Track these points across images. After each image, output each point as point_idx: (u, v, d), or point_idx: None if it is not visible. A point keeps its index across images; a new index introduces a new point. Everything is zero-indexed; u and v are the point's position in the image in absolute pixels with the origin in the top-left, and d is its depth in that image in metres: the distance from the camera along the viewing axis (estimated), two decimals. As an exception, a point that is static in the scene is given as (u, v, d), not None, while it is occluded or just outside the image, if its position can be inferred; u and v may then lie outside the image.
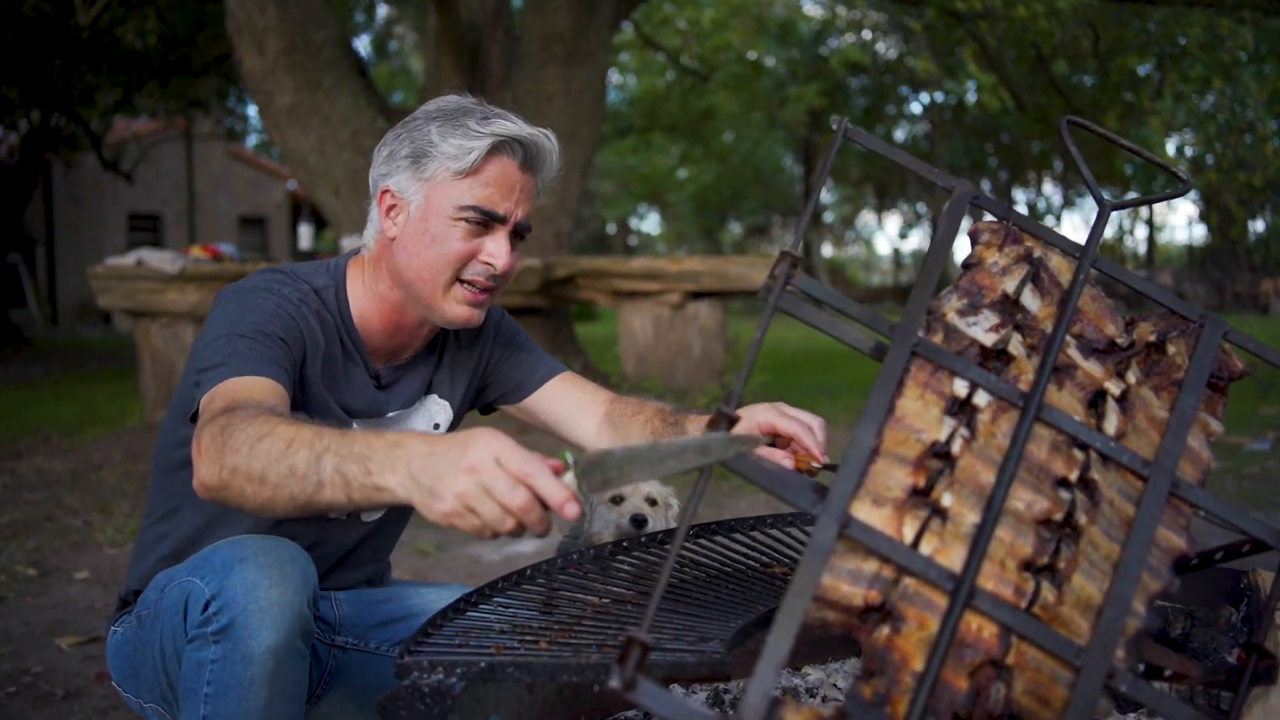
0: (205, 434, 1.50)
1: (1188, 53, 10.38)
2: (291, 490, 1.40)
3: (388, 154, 1.88)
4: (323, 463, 1.38)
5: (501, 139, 1.81)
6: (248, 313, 1.76)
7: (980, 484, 1.26)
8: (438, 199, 1.82)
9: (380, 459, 1.35)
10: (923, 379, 1.29)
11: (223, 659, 1.59)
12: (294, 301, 1.82)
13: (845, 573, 1.18)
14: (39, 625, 3.64)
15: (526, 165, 1.86)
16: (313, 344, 1.83)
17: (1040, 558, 1.23)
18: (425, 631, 1.50)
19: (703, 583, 1.78)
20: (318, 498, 1.39)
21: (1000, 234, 1.43)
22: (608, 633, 1.53)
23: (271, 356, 1.71)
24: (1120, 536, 1.26)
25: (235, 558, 1.62)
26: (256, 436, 1.43)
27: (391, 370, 1.98)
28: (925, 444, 1.25)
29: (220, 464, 1.45)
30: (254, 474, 1.42)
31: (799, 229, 1.38)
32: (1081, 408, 1.35)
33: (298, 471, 1.39)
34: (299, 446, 1.41)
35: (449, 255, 1.83)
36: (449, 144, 1.80)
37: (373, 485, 1.35)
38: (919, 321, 1.32)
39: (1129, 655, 1.19)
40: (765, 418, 1.87)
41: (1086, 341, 1.41)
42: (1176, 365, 1.40)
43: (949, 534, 1.22)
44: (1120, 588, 1.21)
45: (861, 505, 1.21)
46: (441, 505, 1.28)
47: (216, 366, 1.67)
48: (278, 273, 1.89)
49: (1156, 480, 1.28)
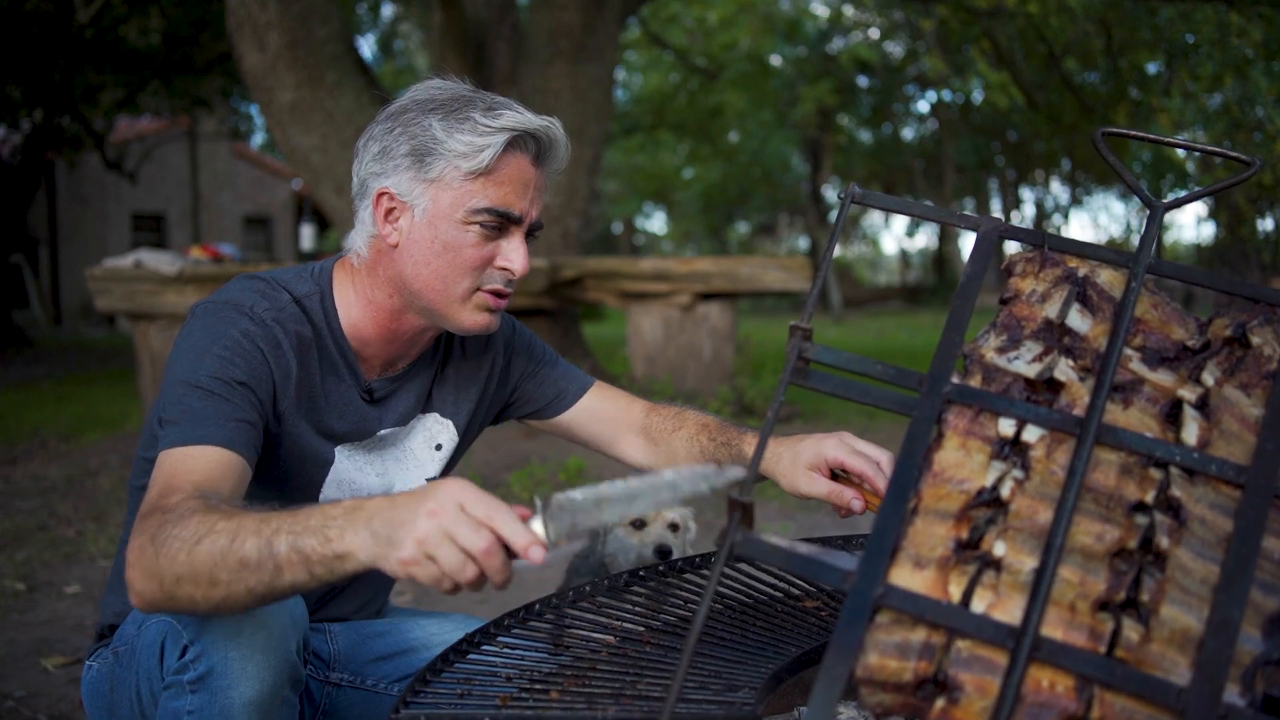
0: (133, 544, 1.38)
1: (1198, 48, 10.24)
2: (248, 583, 1.29)
3: (379, 150, 1.69)
4: (275, 545, 1.28)
5: (515, 133, 1.65)
6: (211, 345, 1.60)
7: (1039, 525, 1.12)
8: (448, 202, 1.66)
9: (339, 524, 1.27)
10: (963, 426, 1.18)
11: (200, 710, 1.45)
12: (266, 323, 1.66)
13: (892, 647, 1.05)
14: (24, 644, 3.50)
15: (539, 159, 1.71)
16: (282, 375, 1.67)
17: (1116, 594, 1.09)
18: (424, 679, 1.36)
19: (728, 620, 1.64)
20: (278, 582, 1.29)
21: (1035, 261, 1.30)
22: (624, 679, 1.39)
23: (227, 414, 1.56)
24: (1217, 555, 1.11)
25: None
26: (194, 539, 1.32)
27: (386, 382, 1.81)
28: (969, 494, 1.13)
29: (158, 577, 1.33)
30: (201, 578, 1.31)
31: (810, 302, 1.29)
32: (1156, 423, 1.21)
33: (249, 562, 1.29)
34: (244, 536, 1.30)
35: (465, 263, 1.67)
36: (457, 141, 1.63)
37: (333, 554, 1.26)
38: (949, 370, 1.20)
39: (1246, 688, 1.04)
40: (833, 454, 1.73)
41: (1152, 351, 1.27)
42: (1266, 356, 1.25)
43: (1005, 585, 1.09)
44: (1223, 612, 1.06)
45: (901, 571, 1.09)
46: (400, 552, 1.21)
47: (172, 423, 1.54)
48: (256, 281, 1.72)
49: (1255, 484, 1.13)
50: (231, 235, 24.63)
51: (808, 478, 1.74)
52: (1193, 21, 10.17)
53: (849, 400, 1.27)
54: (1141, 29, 10.85)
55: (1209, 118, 11.17)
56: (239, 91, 17.23)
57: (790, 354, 1.24)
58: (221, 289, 1.71)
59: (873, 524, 1.14)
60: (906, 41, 23.91)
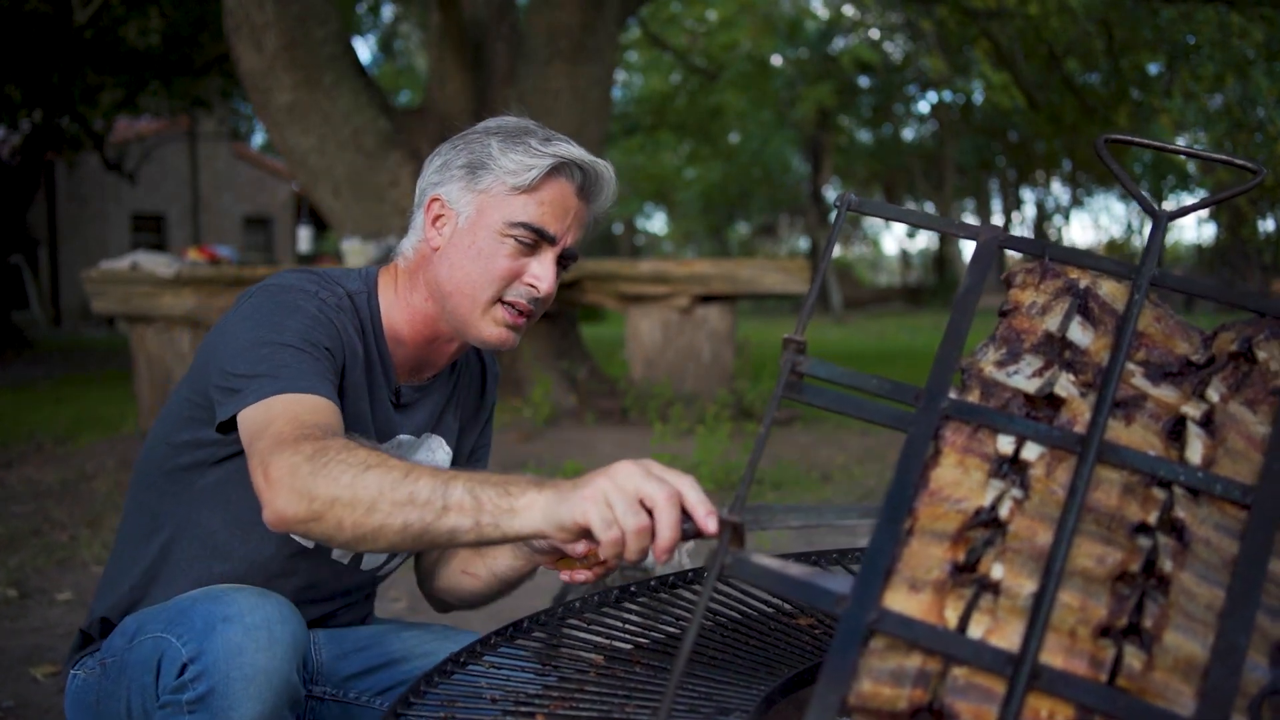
0: (279, 462, 1.40)
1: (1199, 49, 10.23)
2: (407, 518, 1.34)
3: (440, 164, 1.78)
4: (450, 488, 1.34)
5: (563, 160, 1.72)
6: (289, 315, 1.65)
7: (1038, 547, 1.09)
8: (489, 212, 1.72)
9: (521, 485, 1.33)
10: (961, 443, 1.14)
11: None
12: (333, 306, 1.73)
13: (886, 674, 1.01)
14: (15, 652, 3.47)
15: (583, 191, 1.77)
16: (352, 352, 1.74)
17: (1119, 619, 1.05)
18: (406, 701, 1.32)
19: (720, 638, 1.60)
20: (438, 524, 1.34)
21: (1036, 272, 1.27)
22: (613, 701, 1.35)
23: (323, 372, 1.61)
24: (1223, 579, 1.08)
25: (219, 616, 1.47)
26: (363, 466, 1.37)
27: (411, 390, 1.87)
28: (966, 513, 1.10)
29: (310, 494, 1.37)
30: (360, 503, 1.35)
31: (804, 313, 1.27)
32: (1159, 440, 1.17)
33: (419, 499, 1.34)
34: (419, 474, 1.36)
35: (494, 271, 1.72)
36: (509, 159, 1.71)
37: (509, 507, 1.32)
38: (946, 384, 1.17)
39: (1254, 719, 1.00)
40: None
41: (1155, 366, 1.23)
42: (1272, 372, 1.21)
43: (1003, 609, 1.05)
44: (1229, 639, 1.02)
45: (896, 594, 1.05)
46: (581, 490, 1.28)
47: (263, 376, 1.56)
48: (309, 273, 1.78)
49: (1262, 505, 1.09)
50: (231, 236, 24.63)
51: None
52: (1194, 22, 10.16)
53: (844, 415, 1.24)
54: (1142, 29, 10.84)
55: (1210, 118, 11.15)
56: (238, 92, 17.23)
57: (783, 368, 1.22)
58: (276, 276, 1.76)
59: (867, 544, 1.10)
60: (907, 42, 23.91)
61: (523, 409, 8.04)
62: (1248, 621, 1.02)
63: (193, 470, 1.75)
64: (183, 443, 1.75)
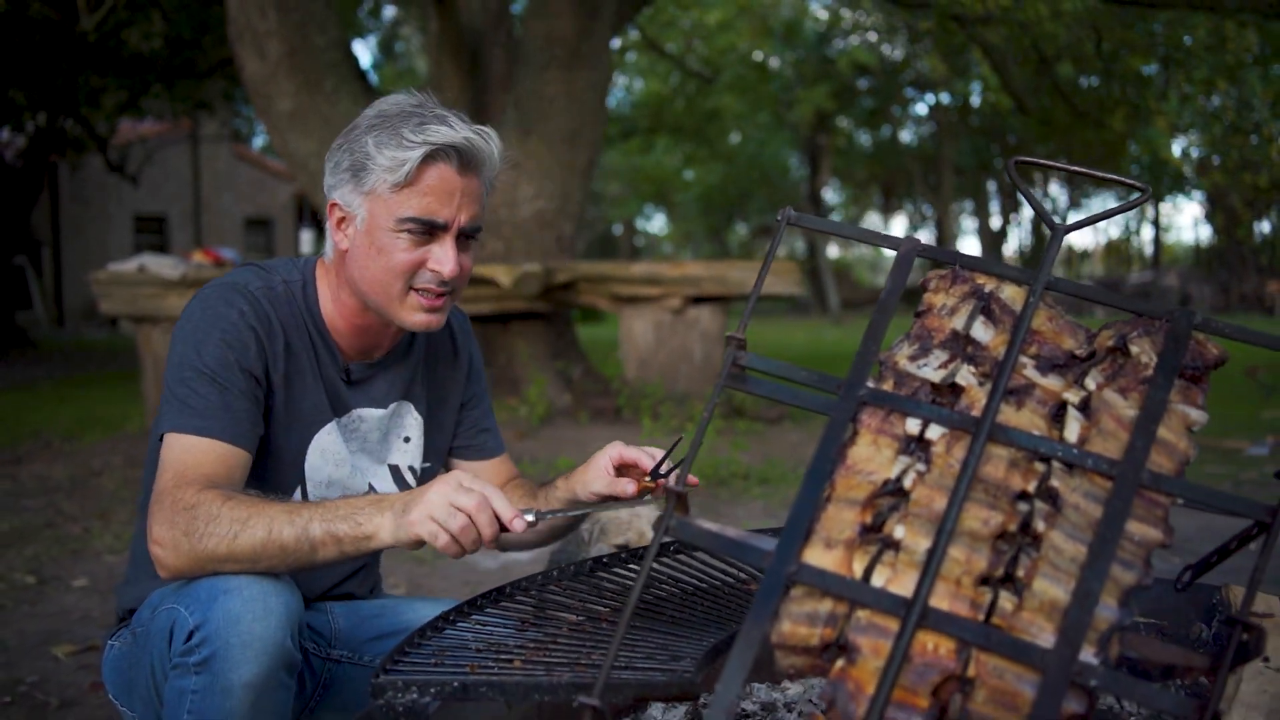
0: (160, 530, 1.66)
1: (1192, 54, 10.36)
2: (287, 561, 1.64)
3: (333, 165, 1.89)
4: (310, 531, 1.63)
5: (434, 147, 1.81)
6: (212, 328, 1.82)
7: (935, 512, 1.28)
8: (379, 212, 1.84)
9: (366, 512, 1.63)
10: (875, 425, 1.34)
11: (203, 690, 1.61)
12: (260, 301, 1.87)
13: (803, 616, 1.21)
14: (35, 634, 3.66)
15: (465, 169, 1.85)
16: (275, 349, 1.88)
17: (996, 570, 1.25)
18: (402, 650, 1.52)
19: (678, 600, 1.80)
20: (314, 559, 1.65)
21: (947, 278, 1.46)
22: (581, 651, 1.55)
23: (227, 403, 1.79)
24: (1087, 537, 1.27)
25: (220, 589, 1.64)
26: (231, 535, 1.63)
27: (363, 368, 2.02)
28: (876, 484, 1.29)
29: (197, 562, 1.65)
30: (243, 560, 1.63)
31: (746, 314, 1.44)
32: (1044, 422, 1.37)
33: (288, 547, 1.63)
34: (279, 525, 1.63)
35: (395, 267, 1.85)
36: (384, 156, 1.81)
37: (362, 535, 1.63)
38: (864, 376, 1.37)
39: (1101, 649, 1.20)
40: (610, 455, 1.97)
41: (1045, 360, 1.43)
42: (1142, 364, 1.41)
43: (902, 563, 1.25)
44: (1086, 585, 1.22)
45: (814, 550, 1.25)
46: (413, 521, 1.60)
47: (177, 401, 1.78)
48: (252, 266, 1.96)
49: (1123, 475, 1.29)
50: (232, 237, 24.79)
51: (595, 480, 1.97)
52: (1187, 26, 10.28)
53: (777, 402, 1.44)
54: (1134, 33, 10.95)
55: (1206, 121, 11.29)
56: (240, 94, 17.39)
57: (725, 362, 1.41)
58: (225, 275, 1.93)
59: (790, 510, 1.30)
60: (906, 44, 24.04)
61: (518, 407, 8.21)
62: (1103, 572, 1.22)
63: None
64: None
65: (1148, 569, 1.25)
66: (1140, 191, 1.55)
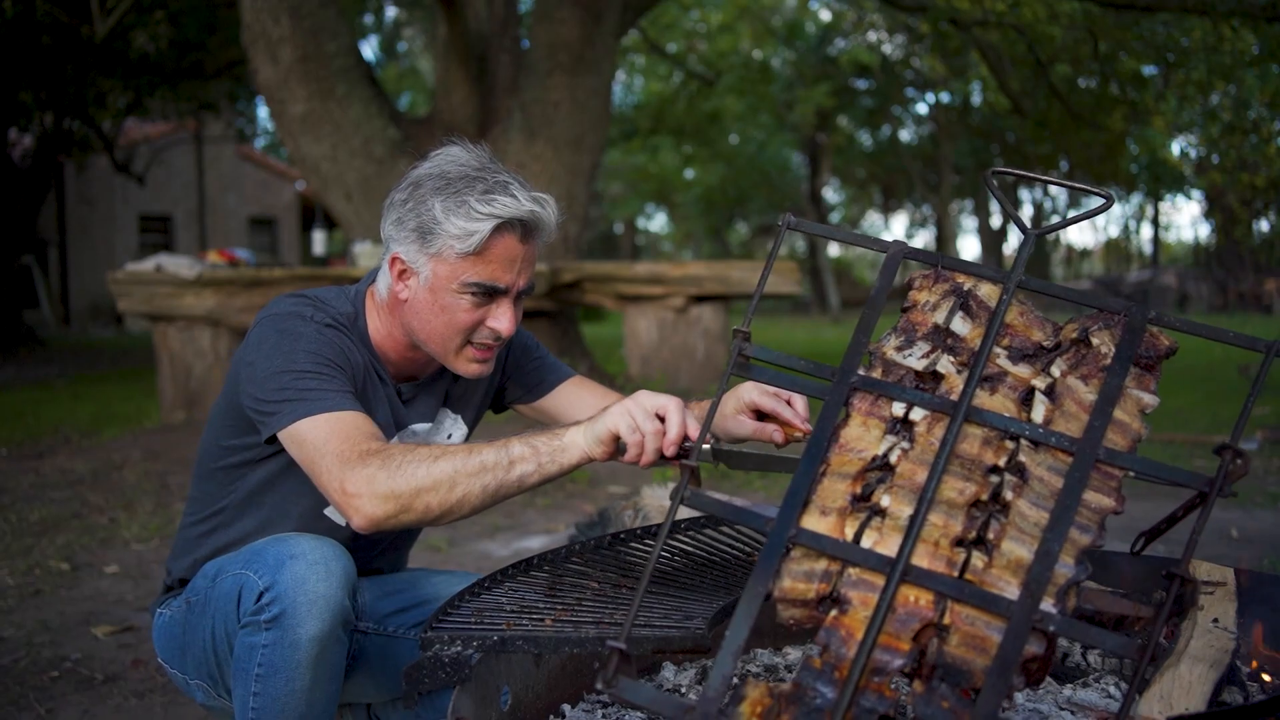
0: (353, 477, 1.75)
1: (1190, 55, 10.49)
2: (484, 481, 1.76)
3: (395, 219, 1.99)
4: (510, 446, 1.77)
5: (501, 220, 1.91)
6: (294, 341, 1.93)
7: (917, 484, 1.47)
8: (444, 274, 1.95)
9: (565, 427, 1.80)
10: (865, 408, 1.54)
11: (274, 644, 1.81)
12: (333, 328, 2.00)
13: (800, 573, 1.40)
14: (74, 616, 3.85)
15: (528, 237, 1.98)
16: (355, 364, 2.01)
17: (970, 533, 1.44)
18: (445, 611, 1.72)
19: (690, 570, 2.00)
20: (508, 475, 1.76)
21: (930, 277, 1.65)
22: (604, 612, 1.75)
23: (342, 387, 1.90)
24: (1049, 505, 1.46)
25: (286, 554, 1.83)
26: (430, 458, 1.75)
27: (411, 387, 2.17)
28: (865, 460, 1.49)
29: (393, 494, 1.73)
30: (441, 484, 1.74)
31: (750, 308, 1.64)
32: (1014, 406, 1.56)
33: (488, 463, 1.75)
34: (479, 447, 1.77)
35: (457, 325, 1.99)
36: (452, 224, 1.90)
37: (559, 445, 1.77)
38: (855, 365, 1.57)
39: (1059, 600, 1.39)
40: (750, 397, 2.04)
41: (1016, 350, 1.62)
42: (1102, 354, 1.60)
43: (888, 528, 1.44)
44: (1047, 546, 1.41)
45: (811, 517, 1.45)
46: (608, 419, 1.75)
47: (290, 401, 1.87)
48: (304, 298, 2.05)
49: (1082, 450, 1.48)
50: (237, 236, 24.95)
51: (736, 422, 2.07)
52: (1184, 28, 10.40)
53: (791, 391, 1.63)
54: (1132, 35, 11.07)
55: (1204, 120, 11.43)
56: (244, 95, 17.56)
57: (732, 352, 1.61)
58: (272, 305, 2.03)
59: (790, 482, 1.49)
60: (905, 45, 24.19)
61: (525, 404, 8.34)
62: (1062, 534, 1.42)
63: (241, 467, 2.10)
64: (229, 446, 2.11)
65: (1101, 532, 1.44)
66: (1104, 199, 1.75)
